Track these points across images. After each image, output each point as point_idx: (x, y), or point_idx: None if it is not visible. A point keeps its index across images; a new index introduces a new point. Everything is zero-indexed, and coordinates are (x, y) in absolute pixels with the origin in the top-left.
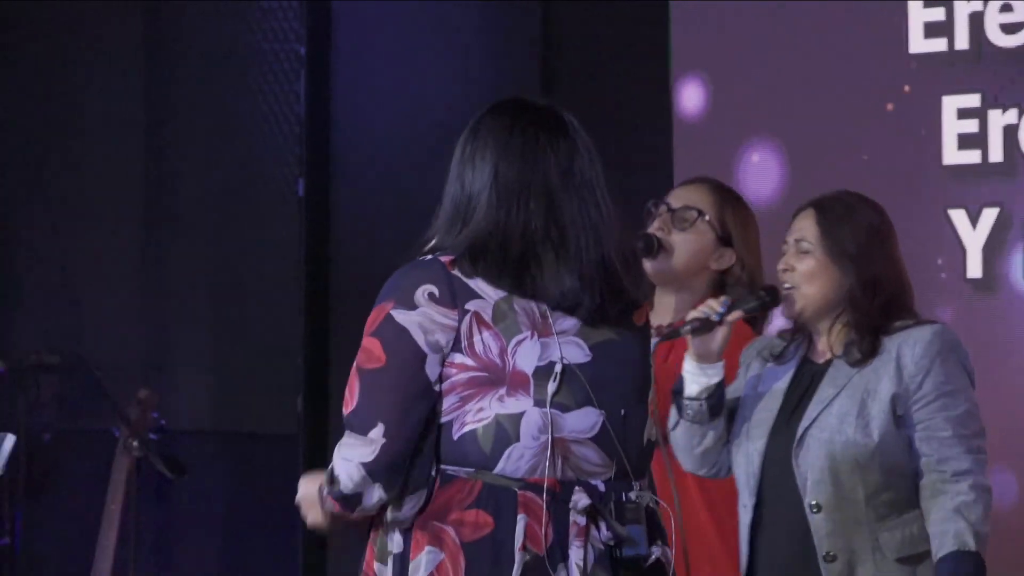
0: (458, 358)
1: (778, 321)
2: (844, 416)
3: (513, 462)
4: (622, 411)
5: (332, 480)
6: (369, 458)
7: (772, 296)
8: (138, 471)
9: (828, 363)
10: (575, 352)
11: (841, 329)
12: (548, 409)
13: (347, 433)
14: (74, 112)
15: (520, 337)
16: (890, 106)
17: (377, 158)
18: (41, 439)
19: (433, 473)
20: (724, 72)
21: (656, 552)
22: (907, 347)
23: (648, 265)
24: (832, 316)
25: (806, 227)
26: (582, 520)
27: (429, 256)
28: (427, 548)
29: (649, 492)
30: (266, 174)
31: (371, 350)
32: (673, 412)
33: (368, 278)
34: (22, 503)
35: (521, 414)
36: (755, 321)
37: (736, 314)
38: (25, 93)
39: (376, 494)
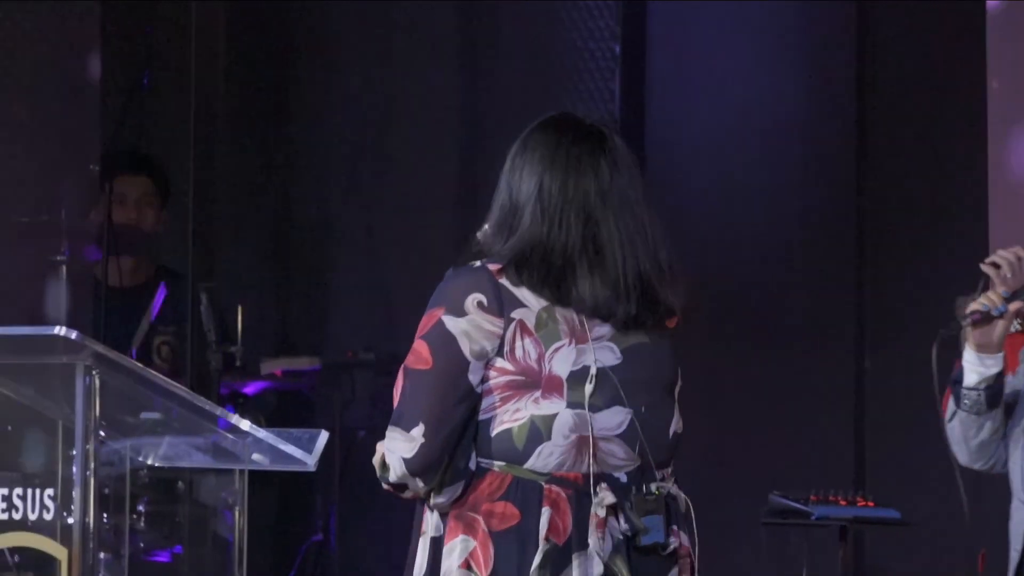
0: (499, 362)
1: None
2: None
3: (543, 459)
4: (643, 408)
5: (383, 466)
6: (409, 454)
7: None
8: None
9: None
10: (607, 355)
11: None
12: (586, 411)
13: (391, 426)
14: (389, 112)
15: (558, 344)
16: None
17: (691, 156)
18: (356, 436)
19: (472, 466)
20: None
21: (673, 542)
22: None
23: None
24: None
25: None
26: (602, 512)
27: (478, 263)
28: (461, 536)
29: (671, 481)
30: None
31: (420, 352)
32: (950, 404)
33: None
34: (336, 500)
35: (554, 415)
36: None
37: (1017, 304)
38: (341, 95)
39: (418, 484)
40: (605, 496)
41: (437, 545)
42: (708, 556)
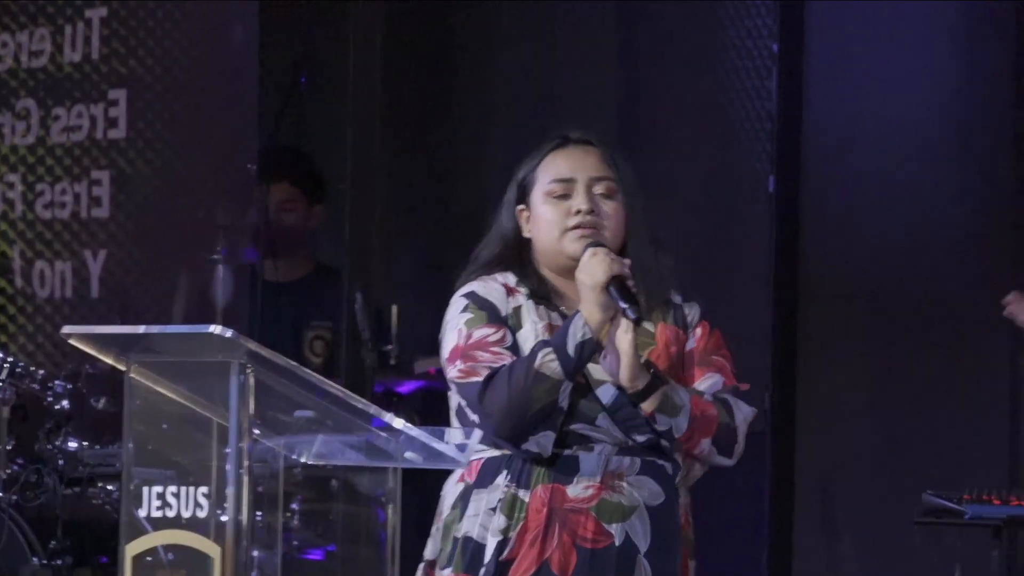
0: None
1: None
2: None
3: None
4: None
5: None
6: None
7: None
8: None
9: None
10: None
11: None
12: None
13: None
14: (548, 111)
15: None
16: None
17: (849, 156)
18: None
19: None
20: None
21: None
22: None
23: None
24: None
25: None
26: None
27: None
28: None
29: None
30: (737, 170)
31: None
32: None
33: (838, 276)
34: None
35: None
36: None
37: None
38: (500, 94)
39: None
40: None
41: None
42: (862, 555)
